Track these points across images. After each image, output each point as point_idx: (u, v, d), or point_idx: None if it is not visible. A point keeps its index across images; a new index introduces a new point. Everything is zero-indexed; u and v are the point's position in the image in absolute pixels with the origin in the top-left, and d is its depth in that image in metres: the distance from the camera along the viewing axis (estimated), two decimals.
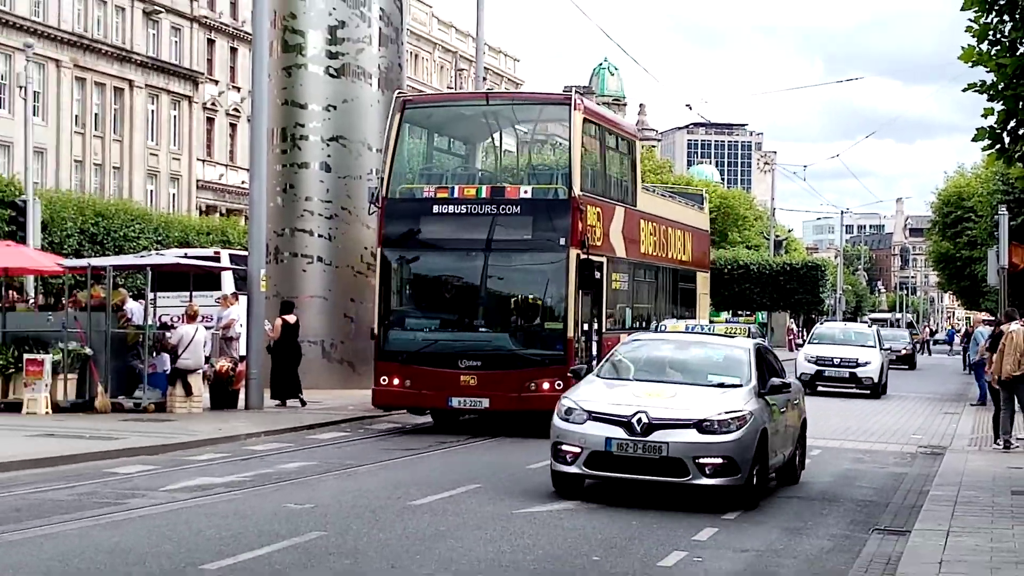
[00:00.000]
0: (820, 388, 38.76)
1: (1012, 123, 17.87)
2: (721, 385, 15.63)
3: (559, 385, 20.63)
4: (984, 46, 17.84)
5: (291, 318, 28.60)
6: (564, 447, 14.42)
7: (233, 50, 74.88)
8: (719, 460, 14.21)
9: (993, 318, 37.51)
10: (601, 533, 13.79)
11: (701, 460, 14.06)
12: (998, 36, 17.86)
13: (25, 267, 30.78)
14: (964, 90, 18.22)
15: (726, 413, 14.55)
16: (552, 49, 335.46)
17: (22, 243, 32.32)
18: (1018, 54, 17.60)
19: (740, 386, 15.45)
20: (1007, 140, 18.25)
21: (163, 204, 68.01)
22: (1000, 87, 17.74)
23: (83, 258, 35.86)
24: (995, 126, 18.07)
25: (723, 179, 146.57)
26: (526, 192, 23.17)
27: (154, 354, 25.96)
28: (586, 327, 22.93)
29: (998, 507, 15.46)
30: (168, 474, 18.42)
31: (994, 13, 17.64)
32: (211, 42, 74.64)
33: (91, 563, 11.71)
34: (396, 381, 22.64)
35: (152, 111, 70.04)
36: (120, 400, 25.77)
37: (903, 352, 66.89)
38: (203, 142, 74.96)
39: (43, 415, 24.03)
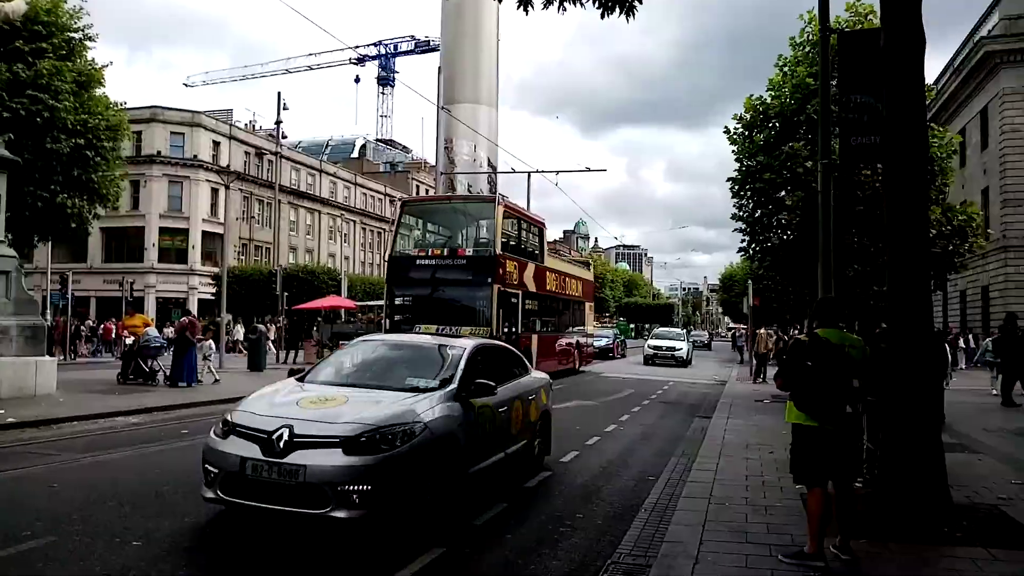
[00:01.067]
0: (656, 362, 32.37)
1: (753, 245, 18.12)
2: (415, 389, 6.99)
3: None
4: (739, 212, 17.97)
5: None
6: (207, 466, 6.23)
7: None
8: (368, 486, 5.75)
9: (745, 327, 37.23)
10: None
11: (345, 487, 5.73)
12: (747, 207, 17.90)
13: (338, 305, 31.38)
14: (734, 231, 18.47)
15: (389, 424, 6.12)
16: (556, 210, 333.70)
17: (338, 296, 32.73)
18: (756, 216, 17.68)
19: (435, 390, 6.92)
20: (750, 252, 18.64)
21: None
22: (746, 229, 17.93)
23: (363, 302, 36.06)
24: (745, 246, 18.44)
25: (631, 268, 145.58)
26: (469, 252, 19.07)
27: None
28: (507, 330, 18.44)
29: (749, 407, 15.24)
30: None
31: (741, 198, 17.81)
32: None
33: None
34: None
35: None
36: None
37: (705, 341, 64.09)
38: None
39: None
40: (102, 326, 33.84)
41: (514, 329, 18.81)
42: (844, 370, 5.10)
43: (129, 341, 17.90)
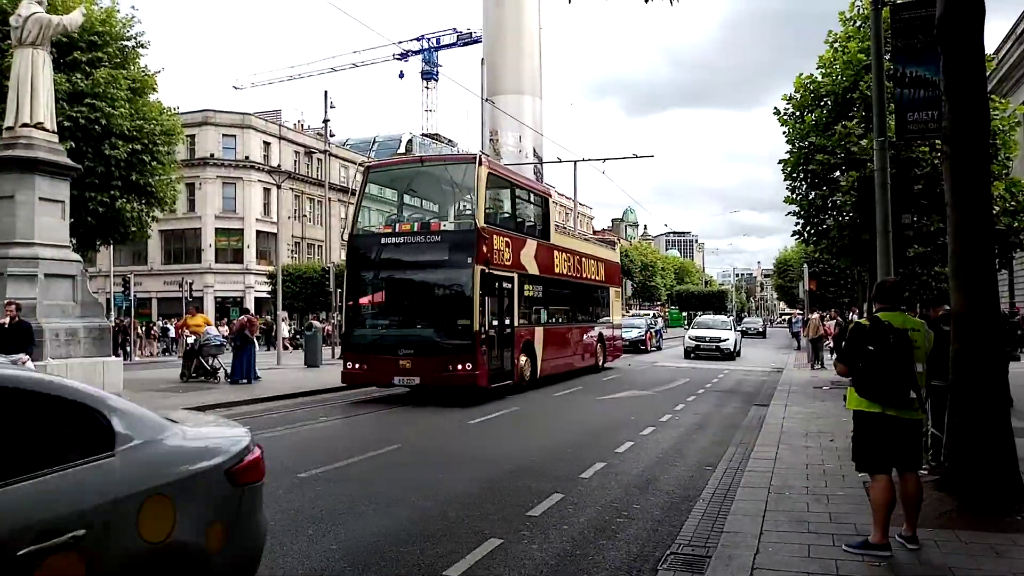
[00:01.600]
0: (696, 355, 28.29)
1: (807, 228, 17.77)
2: None
3: (469, 366, 13.73)
4: (792, 195, 17.64)
5: None
6: None
7: None
8: None
9: (801, 312, 36.45)
10: None
11: None
12: (800, 189, 17.59)
13: None
14: (787, 214, 18.08)
15: None
16: (608, 197, 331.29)
17: None
18: (810, 198, 17.32)
19: None
20: (805, 236, 18.22)
21: None
22: (800, 212, 17.58)
23: None
24: (799, 230, 18.06)
25: (681, 256, 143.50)
26: (445, 226, 15.47)
27: None
28: (496, 323, 14.85)
29: (807, 394, 14.99)
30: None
31: (794, 180, 17.47)
32: None
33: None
34: (357, 365, 14.68)
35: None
36: None
37: (759, 329, 58.83)
38: None
39: None
40: (172, 326, 34.88)
41: (508, 321, 15.47)
42: (907, 354, 4.96)
43: (191, 340, 18.40)
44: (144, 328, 33.95)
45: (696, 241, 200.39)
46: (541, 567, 5.01)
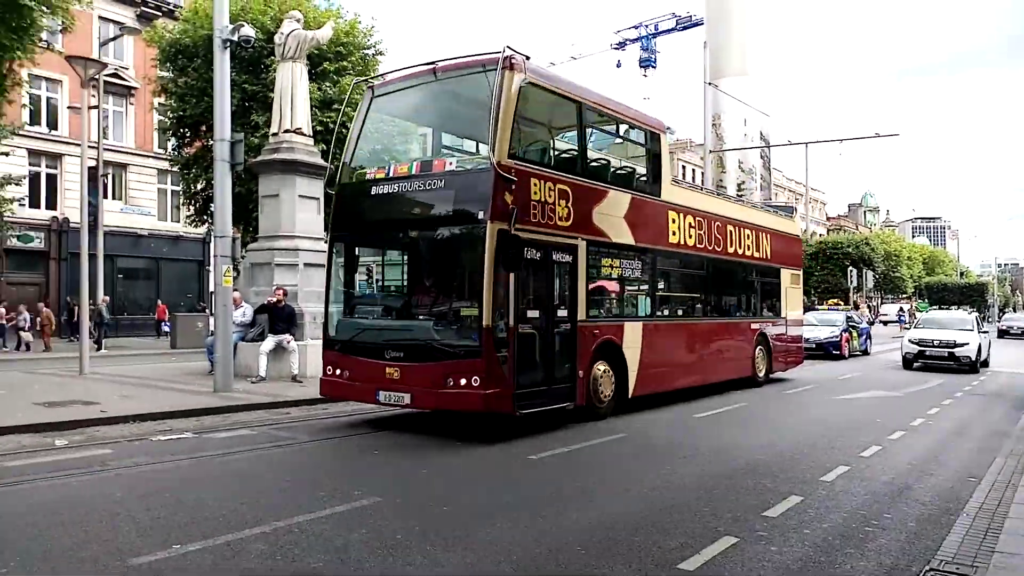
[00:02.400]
0: (921, 364, 21.11)
1: None
2: None
3: (475, 381, 8.65)
4: None
5: None
6: None
7: None
8: None
9: None
10: None
11: None
12: None
13: None
14: None
15: None
16: (846, 180, 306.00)
17: None
18: None
19: None
20: None
21: None
22: None
23: None
24: None
25: (932, 244, 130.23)
26: (451, 164, 9.78)
27: None
28: (539, 314, 9.55)
29: None
30: None
31: None
32: None
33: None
34: (337, 372, 10.02)
35: None
36: None
37: None
38: None
39: None
40: None
41: (564, 312, 10.21)
42: None
43: None
44: None
45: (948, 227, 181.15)
46: (781, 570, 4.81)
